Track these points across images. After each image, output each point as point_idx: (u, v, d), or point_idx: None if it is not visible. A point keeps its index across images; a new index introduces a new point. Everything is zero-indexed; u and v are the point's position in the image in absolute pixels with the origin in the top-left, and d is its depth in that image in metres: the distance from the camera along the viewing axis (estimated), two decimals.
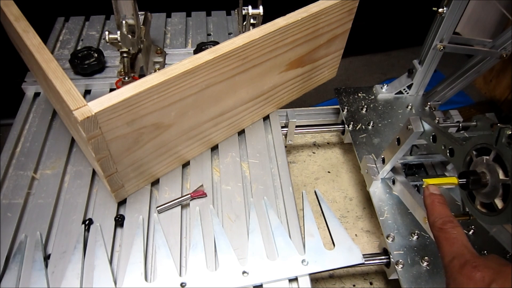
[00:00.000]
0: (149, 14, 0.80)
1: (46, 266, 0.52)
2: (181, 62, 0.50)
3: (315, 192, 0.63)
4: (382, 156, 0.68)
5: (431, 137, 0.56)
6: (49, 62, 0.50)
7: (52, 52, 0.82)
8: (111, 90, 0.75)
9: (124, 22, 0.65)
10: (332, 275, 0.79)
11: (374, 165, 0.72)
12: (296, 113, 0.82)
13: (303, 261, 0.54)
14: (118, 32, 0.65)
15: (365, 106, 0.85)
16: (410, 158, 0.71)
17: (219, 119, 0.62)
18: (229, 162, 0.66)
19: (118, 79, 0.75)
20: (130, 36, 0.67)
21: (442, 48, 0.76)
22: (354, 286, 0.78)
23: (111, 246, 0.55)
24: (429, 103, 0.86)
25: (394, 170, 0.69)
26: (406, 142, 0.59)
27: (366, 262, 0.62)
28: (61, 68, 0.49)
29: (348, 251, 0.56)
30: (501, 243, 0.55)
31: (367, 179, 0.72)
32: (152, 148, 0.55)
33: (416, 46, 0.94)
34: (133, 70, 0.73)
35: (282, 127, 0.79)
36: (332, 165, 0.97)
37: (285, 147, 0.74)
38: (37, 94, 0.75)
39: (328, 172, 0.96)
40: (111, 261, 0.53)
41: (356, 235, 0.84)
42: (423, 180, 0.49)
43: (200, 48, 0.81)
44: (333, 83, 0.89)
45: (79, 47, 0.82)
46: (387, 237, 0.64)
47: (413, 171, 0.76)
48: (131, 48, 0.68)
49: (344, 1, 0.63)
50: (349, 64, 1.51)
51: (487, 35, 1.39)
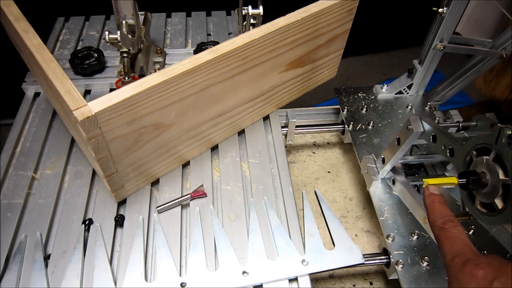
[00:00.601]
0: (149, 14, 0.80)
1: (46, 266, 0.52)
2: (181, 62, 0.50)
3: (315, 192, 0.63)
4: (382, 156, 0.68)
5: (431, 137, 0.56)
6: (49, 62, 0.50)
7: (52, 52, 0.82)
8: (111, 90, 0.75)
9: (124, 22, 0.65)
10: (332, 275, 0.79)
11: (374, 165, 0.72)
12: (296, 113, 0.82)
13: (303, 261, 0.54)
14: (118, 32, 0.65)
15: (365, 106, 0.85)
16: (410, 158, 0.71)
17: (219, 119, 0.62)
18: (229, 162, 0.66)
19: (118, 79, 0.75)
20: (130, 36, 0.67)
21: (442, 48, 0.76)
22: (354, 286, 0.78)
23: (111, 246, 0.55)
24: (429, 103, 0.86)
25: (394, 170, 0.69)
26: (406, 142, 0.59)
27: (366, 262, 0.62)
28: (61, 68, 0.49)
29: (348, 251, 0.56)
30: (501, 243, 0.55)
31: (367, 179, 0.72)
32: (152, 148, 0.55)
33: (416, 46, 0.94)
34: (133, 70, 0.73)
35: (282, 127, 0.79)
36: (332, 165, 0.97)
37: (285, 147, 0.74)
38: (37, 94, 0.75)
39: (328, 172, 0.96)
40: (111, 261, 0.53)
41: (356, 235, 0.84)
42: (423, 180, 0.49)
43: (200, 48, 0.81)
44: (333, 83, 0.89)
45: (79, 47, 0.82)
46: (387, 237, 0.64)
47: (413, 171, 0.76)
48: (131, 48, 0.68)
49: (344, 1, 0.63)
50: (349, 64, 1.51)
51: (487, 35, 1.39)
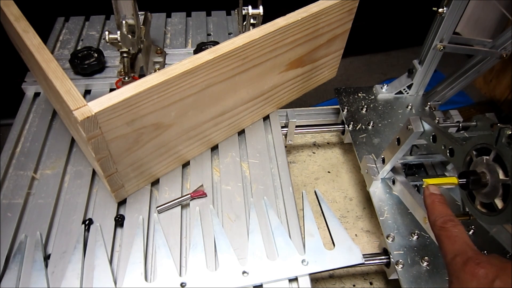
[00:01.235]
0: (149, 14, 0.80)
1: (46, 266, 0.52)
2: (181, 62, 0.50)
3: (315, 192, 0.63)
4: (382, 156, 0.68)
5: (431, 137, 0.56)
6: (49, 62, 0.50)
7: (52, 52, 0.82)
8: (111, 90, 0.75)
9: (124, 22, 0.65)
10: (332, 275, 0.79)
11: (374, 165, 0.71)
12: (296, 113, 0.82)
13: (303, 261, 0.54)
14: (118, 32, 0.65)
15: (365, 106, 0.85)
16: (410, 158, 0.71)
17: (219, 119, 0.62)
18: (229, 162, 0.66)
19: (118, 79, 0.75)
20: (130, 36, 0.67)
21: (442, 48, 0.76)
22: (354, 286, 0.78)
23: (111, 246, 0.55)
24: (429, 103, 0.86)
25: (394, 170, 0.69)
26: (406, 142, 0.59)
27: (366, 262, 0.62)
28: (61, 68, 0.49)
29: (348, 251, 0.56)
30: (501, 243, 0.56)
31: (367, 179, 0.72)
32: (152, 148, 0.55)
33: (416, 46, 0.94)
34: (133, 70, 0.73)
35: (282, 127, 0.79)
36: (332, 165, 0.97)
37: (285, 147, 0.74)
38: (37, 94, 0.75)
39: (328, 172, 0.96)
40: (111, 261, 0.53)
41: (356, 235, 0.84)
42: (423, 180, 0.49)
43: (200, 48, 0.81)
44: (333, 83, 0.89)
45: (79, 47, 0.82)
46: (387, 237, 0.64)
47: (413, 171, 0.76)
48: (131, 48, 0.68)
49: (344, 1, 0.63)
50: (349, 64, 1.51)
51: (487, 35, 1.39)
